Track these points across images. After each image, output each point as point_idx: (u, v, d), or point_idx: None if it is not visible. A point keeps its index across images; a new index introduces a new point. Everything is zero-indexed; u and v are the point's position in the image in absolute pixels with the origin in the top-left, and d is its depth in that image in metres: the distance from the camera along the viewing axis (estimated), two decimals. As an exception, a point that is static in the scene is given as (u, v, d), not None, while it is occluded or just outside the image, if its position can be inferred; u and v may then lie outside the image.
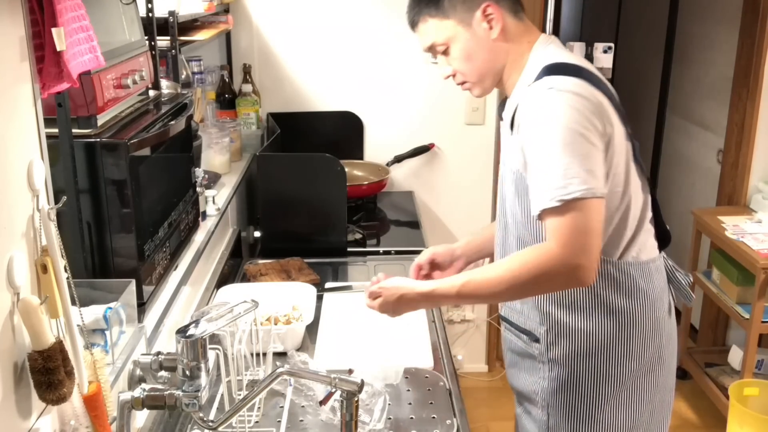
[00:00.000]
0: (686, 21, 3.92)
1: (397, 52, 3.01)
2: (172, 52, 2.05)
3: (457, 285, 1.40)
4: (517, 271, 1.33)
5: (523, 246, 1.47)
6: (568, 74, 1.35)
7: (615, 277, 1.43)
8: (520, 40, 1.45)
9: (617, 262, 1.43)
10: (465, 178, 3.15)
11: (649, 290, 1.46)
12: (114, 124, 1.42)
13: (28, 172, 0.99)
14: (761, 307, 2.77)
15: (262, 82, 3.02)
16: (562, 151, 1.27)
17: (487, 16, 1.42)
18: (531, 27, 1.49)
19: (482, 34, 1.43)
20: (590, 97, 1.32)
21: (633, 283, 1.44)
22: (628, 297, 1.44)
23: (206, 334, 1.21)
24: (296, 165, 2.41)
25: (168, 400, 1.22)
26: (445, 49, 1.47)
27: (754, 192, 3.22)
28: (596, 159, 1.29)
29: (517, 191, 1.44)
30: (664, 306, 1.51)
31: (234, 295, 1.85)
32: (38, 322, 0.95)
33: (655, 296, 1.48)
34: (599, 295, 1.44)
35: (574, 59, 1.42)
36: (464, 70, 1.47)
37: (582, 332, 1.45)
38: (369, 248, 2.50)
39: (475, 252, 1.73)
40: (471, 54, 1.45)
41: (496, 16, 1.41)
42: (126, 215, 1.37)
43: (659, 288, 1.49)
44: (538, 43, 1.46)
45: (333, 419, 1.48)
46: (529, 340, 1.53)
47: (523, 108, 1.35)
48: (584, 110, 1.30)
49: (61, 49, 1.01)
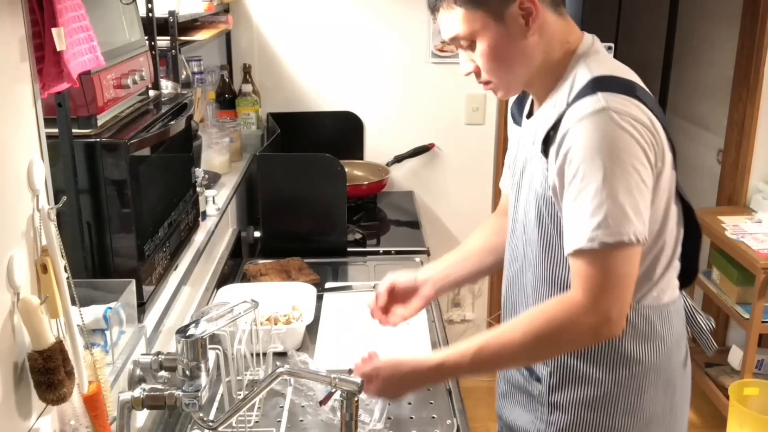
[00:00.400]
0: (686, 21, 3.92)
1: (397, 52, 3.01)
2: (172, 52, 2.04)
3: (470, 352, 1.24)
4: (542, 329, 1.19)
5: (542, 285, 1.32)
6: (624, 92, 1.17)
7: (632, 320, 1.27)
8: (560, 40, 1.26)
9: (635, 305, 1.27)
10: (465, 178, 3.15)
11: (666, 336, 1.31)
12: (114, 124, 1.42)
13: (28, 172, 0.99)
14: (761, 307, 2.77)
15: (262, 82, 3.02)
16: (613, 187, 1.11)
17: (524, 10, 1.21)
18: (573, 26, 1.29)
19: (516, 30, 1.22)
20: (649, 124, 1.16)
21: (650, 327, 1.29)
22: (643, 342, 1.29)
23: (206, 334, 1.21)
24: (296, 165, 2.41)
25: (168, 400, 1.22)
26: (470, 44, 1.26)
27: (754, 192, 3.22)
28: (645, 199, 1.15)
29: (539, 219, 1.28)
30: (680, 355, 1.36)
31: (234, 295, 1.85)
32: (38, 322, 0.95)
33: (672, 342, 1.32)
34: (612, 339, 1.27)
35: (624, 70, 1.26)
36: (490, 69, 1.27)
37: (590, 379, 1.30)
38: (369, 248, 2.51)
39: (443, 277, 1.53)
40: (500, 52, 1.24)
41: (535, 11, 1.21)
42: (126, 215, 1.37)
43: (677, 333, 1.34)
44: (582, 46, 1.27)
45: (333, 419, 1.48)
46: (529, 377, 1.40)
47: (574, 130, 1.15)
48: (642, 141, 1.14)
49: (61, 49, 1.01)
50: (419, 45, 3.00)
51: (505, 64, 1.26)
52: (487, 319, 3.38)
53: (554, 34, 1.25)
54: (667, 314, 1.31)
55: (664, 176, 1.20)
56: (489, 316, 3.38)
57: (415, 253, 2.44)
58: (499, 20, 1.21)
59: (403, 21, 2.98)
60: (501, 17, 1.21)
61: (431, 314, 1.97)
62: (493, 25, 1.22)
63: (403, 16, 2.98)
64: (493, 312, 3.36)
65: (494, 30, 1.22)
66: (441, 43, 2.98)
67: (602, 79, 1.19)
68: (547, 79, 1.28)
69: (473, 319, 3.38)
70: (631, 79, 1.22)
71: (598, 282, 1.15)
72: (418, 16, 2.96)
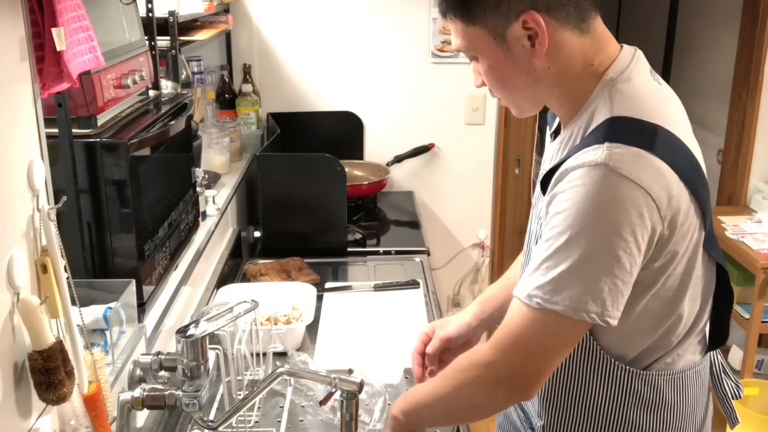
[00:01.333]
0: (686, 21, 3.92)
1: (397, 52, 3.01)
2: (172, 52, 2.04)
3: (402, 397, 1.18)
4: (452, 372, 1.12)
5: None
6: (640, 144, 0.99)
7: (639, 390, 1.13)
8: (581, 62, 1.07)
9: (643, 373, 1.13)
10: (465, 178, 3.15)
11: (678, 405, 1.16)
12: (114, 124, 1.42)
13: (28, 172, 0.99)
14: (761, 307, 2.77)
15: (262, 82, 3.02)
16: (576, 254, 0.98)
17: (528, 30, 1.04)
18: (605, 43, 1.09)
19: (519, 52, 1.05)
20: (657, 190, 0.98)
21: (659, 396, 1.14)
22: (649, 413, 1.15)
23: (206, 334, 1.21)
24: (296, 165, 2.41)
25: (168, 400, 1.22)
26: (473, 58, 1.13)
27: (754, 192, 3.22)
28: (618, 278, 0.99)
29: None
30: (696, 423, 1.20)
31: (234, 295, 1.85)
32: (38, 322, 0.95)
33: (685, 413, 1.17)
34: (613, 407, 1.14)
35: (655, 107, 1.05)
36: (493, 88, 1.13)
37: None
38: (369, 248, 2.50)
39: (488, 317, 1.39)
40: (501, 74, 1.10)
41: (542, 32, 1.03)
42: (126, 215, 1.37)
43: (693, 400, 1.18)
44: (613, 70, 1.07)
45: (333, 419, 1.48)
46: (524, 420, 1.30)
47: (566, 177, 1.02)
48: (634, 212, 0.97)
49: (61, 49, 1.01)
50: (419, 45, 3.00)
51: (508, 87, 1.12)
52: (487, 319, 3.38)
53: (573, 55, 1.07)
54: (682, 381, 1.16)
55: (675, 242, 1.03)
56: (489, 316, 3.38)
57: (415, 253, 2.44)
58: (499, 40, 1.06)
59: (403, 21, 2.98)
60: (502, 37, 1.05)
61: (431, 314, 1.97)
62: (492, 45, 1.07)
63: (403, 16, 2.97)
64: (493, 312, 3.36)
65: (494, 50, 1.07)
66: (441, 43, 2.99)
67: (619, 123, 1.02)
68: (567, 102, 1.12)
69: (473, 319, 3.38)
70: (658, 125, 1.03)
71: (514, 337, 1.04)
72: (419, 16, 2.96)
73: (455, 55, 2.97)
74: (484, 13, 1.05)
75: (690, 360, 1.16)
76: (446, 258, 3.07)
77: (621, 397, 1.14)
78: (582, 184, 0.98)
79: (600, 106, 1.06)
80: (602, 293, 0.99)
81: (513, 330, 1.05)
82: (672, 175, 1.00)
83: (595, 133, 1.03)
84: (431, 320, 1.93)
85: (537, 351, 1.04)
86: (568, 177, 1.01)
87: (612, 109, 1.04)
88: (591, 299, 0.99)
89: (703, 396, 1.21)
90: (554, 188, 1.03)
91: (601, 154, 0.98)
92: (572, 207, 0.99)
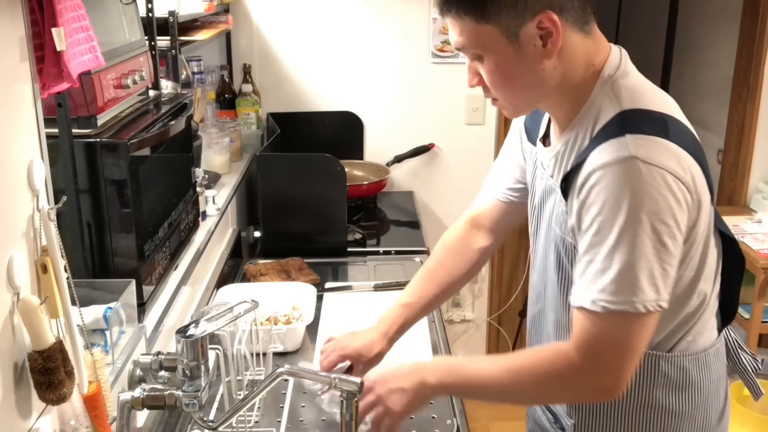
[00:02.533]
0: (686, 21, 3.92)
1: (397, 52, 3.01)
2: (172, 52, 2.04)
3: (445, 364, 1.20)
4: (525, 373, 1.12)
5: (563, 333, 1.22)
6: (657, 132, 1.02)
7: (666, 372, 1.17)
8: (584, 63, 1.10)
9: (668, 355, 1.17)
10: (465, 178, 3.15)
11: (703, 384, 1.20)
12: (114, 124, 1.42)
13: (28, 172, 0.99)
14: (761, 307, 2.78)
15: (262, 82, 3.02)
16: (628, 250, 1.00)
17: (542, 30, 1.04)
18: (600, 43, 1.12)
19: (530, 52, 1.05)
20: (683, 173, 1.02)
21: (685, 376, 1.18)
22: (677, 393, 1.19)
23: (206, 334, 1.21)
24: (296, 165, 2.41)
25: (168, 400, 1.22)
26: (477, 56, 1.11)
27: (754, 192, 3.22)
28: (665, 262, 1.02)
29: (559, 263, 1.19)
30: (719, 403, 1.25)
31: (234, 295, 1.85)
32: (38, 322, 0.95)
33: (710, 391, 1.22)
34: (643, 391, 1.18)
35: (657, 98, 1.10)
36: (496, 88, 1.12)
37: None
38: (369, 248, 2.50)
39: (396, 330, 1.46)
40: (509, 74, 1.09)
41: (555, 33, 1.04)
42: (126, 215, 1.37)
43: (716, 379, 1.23)
44: (608, 67, 1.10)
45: (333, 412, 1.47)
46: (554, 422, 1.31)
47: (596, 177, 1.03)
48: (671, 197, 1.00)
49: (61, 49, 1.01)
50: (419, 45, 3.00)
51: (512, 86, 1.11)
52: (487, 319, 3.38)
53: (577, 56, 1.09)
54: (705, 360, 1.20)
55: (700, 222, 1.07)
56: (489, 317, 3.38)
57: (415, 253, 2.44)
58: (511, 38, 1.05)
59: (403, 21, 2.98)
60: (514, 36, 1.04)
61: (431, 314, 1.97)
62: (503, 43, 1.05)
63: (403, 15, 2.97)
64: (492, 312, 3.36)
65: (504, 49, 1.06)
66: (441, 43, 2.99)
67: (631, 115, 1.05)
68: (567, 103, 1.13)
69: (473, 319, 3.38)
70: (664, 113, 1.07)
71: (595, 346, 1.06)
72: (419, 15, 2.96)
73: (455, 55, 2.97)
74: (499, 12, 1.03)
75: (708, 338, 1.20)
76: (446, 258, 3.07)
77: (649, 381, 1.17)
78: (616, 181, 1.00)
79: (604, 103, 1.08)
80: (656, 281, 1.02)
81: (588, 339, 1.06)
82: (688, 158, 1.03)
83: (608, 129, 1.05)
84: (431, 320, 1.93)
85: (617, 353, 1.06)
86: (596, 176, 1.02)
87: (621, 104, 1.06)
88: (649, 290, 1.02)
89: (723, 374, 1.26)
90: (582, 191, 1.05)
91: (626, 147, 1.01)
92: (612, 205, 1.01)
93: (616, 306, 1.02)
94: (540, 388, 1.14)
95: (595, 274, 1.04)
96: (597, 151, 1.03)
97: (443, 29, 2.96)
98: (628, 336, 1.04)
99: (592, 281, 1.04)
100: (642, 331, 1.05)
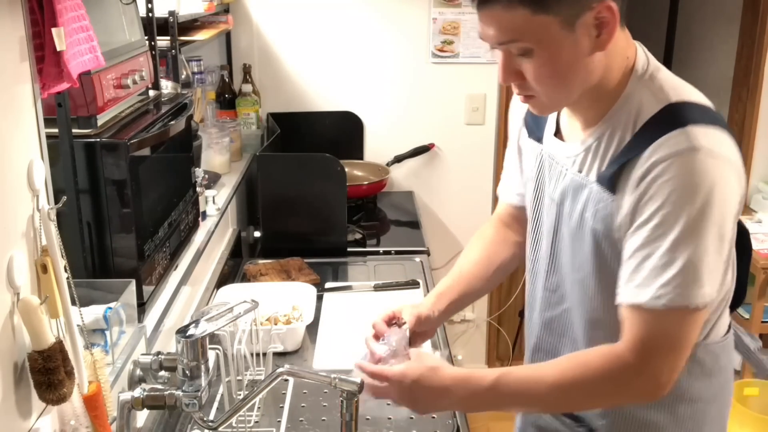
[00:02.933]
0: (686, 21, 3.92)
1: (397, 52, 3.01)
2: (172, 52, 2.04)
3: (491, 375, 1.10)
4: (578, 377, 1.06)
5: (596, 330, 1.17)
6: (713, 123, 1.02)
7: (701, 359, 1.17)
8: (621, 55, 1.09)
9: (704, 342, 1.16)
10: (465, 178, 3.15)
11: (728, 368, 1.22)
12: (114, 124, 1.42)
13: (28, 172, 0.99)
14: (761, 307, 2.78)
15: (262, 82, 3.02)
16: (694, 244, 0.98)
17: (599, 20, 1.01)
18: (629, 36, 1.12)
19: (585, 42, 1.02)
20: (740, 164, 1.01)
21: (716, 362, 1.19)
22: (708, 379, 1.19)
23: (206, 334, 1.21)
24: (296, 165, 2.41)
25: (168, 400, 1.22)
26: (525, 52, 1.04)
27: (754, 192, 3.22)
28: (721, 257, 1.02)
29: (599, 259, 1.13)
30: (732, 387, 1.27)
31: (234, 295, 1.85)
32: (38, 322, 0.95)
33: (729, 373, 1.24)
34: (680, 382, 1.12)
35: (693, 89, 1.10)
36: (543, 83, 1.06)
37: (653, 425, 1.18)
38: (369, 248, 2.51)
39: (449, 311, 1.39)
40: (561, 66, 1.04)
41: (613, 22, 1.01)
42: (126, 215, 1.37)
43: (733, 360, 1.25)
44: (640, 61, 1.09)
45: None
46: (575, 426, 1.26)
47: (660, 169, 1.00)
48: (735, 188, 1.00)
49: (61, 49, 1.01)
50: (419, 45, 3.00)
51: (562, 80, 1.06)
52: (487, 319, 3.38)
53: (619, 49, 1.07)
54: (729, 345, 1.22)
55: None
56: (489, 316, 3.38)
57: (415, 253, 2.44)
58: (567, 29, 1.00)
59: (403, 21, 2.98)
60: (571, 26, 1.00)
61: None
62: (559, 34, 1.00)
63: (403, 16, 2.97)
64: (492, 312, 3.36)
65: (560, 39, 1.01)
66: (441, 43, 2.98)
67: (684, 108, 1.04)
68: (602, 100, 1.10)
69: (473, 319, 3.38)
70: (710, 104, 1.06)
71: (652, 344, 1.02)
72: (419, 16, 2.96)
73: (455, 55, 2.97)
74: (559, 1, 0.99)
75: (725, 323, 1.20)
76: (446, 258, 3.06)
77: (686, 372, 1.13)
78: (684, 174, 0.98)
79: (645, 96, 1.07)
80: (713, 274, 1.01)
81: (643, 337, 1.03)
82: (736, 145, 1.03)
83: (658, 122, 1.03)
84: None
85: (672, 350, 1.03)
86: (659, 169, 0.99)
87: (668, 96, 1.05)
88: (707, 284, 1.00)
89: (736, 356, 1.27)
90: (641, 184, 1.02)
91: (688, 138, 0.99)
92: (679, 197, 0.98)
93: (679, 302, 0.99)
94: (591, 398, 1.10)
95: (654, 270, 1.00)
96: (656, 144, 1.01)
97: (443, 29, 2.96)
98: (684, 332, 1.02)
99: (652, 277, 1.00)
100: (696, 327, 1.03)
